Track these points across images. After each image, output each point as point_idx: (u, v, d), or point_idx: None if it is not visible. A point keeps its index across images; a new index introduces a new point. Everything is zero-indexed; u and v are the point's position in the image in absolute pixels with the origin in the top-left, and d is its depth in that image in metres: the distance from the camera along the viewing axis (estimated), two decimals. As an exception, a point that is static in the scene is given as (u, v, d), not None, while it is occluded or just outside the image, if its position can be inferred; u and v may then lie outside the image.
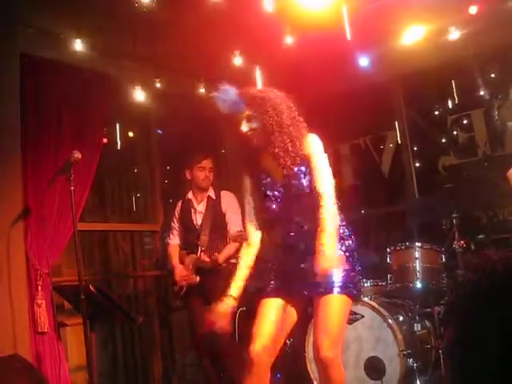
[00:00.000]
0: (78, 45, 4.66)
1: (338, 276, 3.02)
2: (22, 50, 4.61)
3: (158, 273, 6.09)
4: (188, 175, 5.24)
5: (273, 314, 3.13)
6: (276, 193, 3.19)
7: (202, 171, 5.16)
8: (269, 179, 3.22)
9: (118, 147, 6.09)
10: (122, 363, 5.78)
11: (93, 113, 5.12)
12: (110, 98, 5.28)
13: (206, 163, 5.18)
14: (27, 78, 4.64)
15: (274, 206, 3.21)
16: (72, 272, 5.08)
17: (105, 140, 5.47)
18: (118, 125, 6.03)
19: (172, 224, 5.37)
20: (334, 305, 3.03)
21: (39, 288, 4.50)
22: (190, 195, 5.26)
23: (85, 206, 5.01)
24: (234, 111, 3.11)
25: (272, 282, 3.22)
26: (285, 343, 4.21)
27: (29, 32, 4.66)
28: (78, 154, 3.97)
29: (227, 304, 3.15)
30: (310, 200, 3.09)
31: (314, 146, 3.15)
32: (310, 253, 3.03)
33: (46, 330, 4.47)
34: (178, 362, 6.06)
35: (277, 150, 3.09)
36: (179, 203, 5.34)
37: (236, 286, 3.22)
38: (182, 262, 5.17)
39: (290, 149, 3.09)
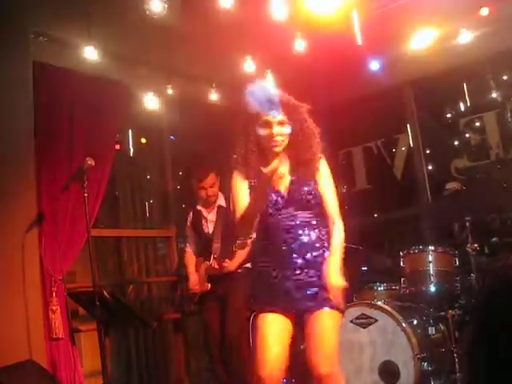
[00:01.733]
0: (90, 52, 4.69)
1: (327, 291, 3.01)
2: (34, 58, 4.65)
3: (171, 278, 6.11)
4: (194, 188, 5.26)
5: (275, 332, 3.05)
6: (276, 201, 3.14)
7: (203, 190, 5.12)
8: (272, 187, 3.15)
9: (131, 154, 6.12)
10: (136, 368, 5.80)
11: (105, 120, 5.15)
12: (122, 104, 5.31)
13: (206, 182, 5.11)
14: (40, 86, 4.68)
15: (272, 215, 3.14)
16: (86, 278, 5.10)
17: (117, 146, 5.50)
18: (130, 131, 6.06)
19: (186, 233, 5.40)
20: (329, 319, 3.01)
21: (54, 294, 4.53)
22: (199, 207, 5.27)
23: (98, 212, 5.03)
24: (263, 110, 3.03)
25: (266, 294, 3.14)
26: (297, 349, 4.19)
27: (41, 41, 4.70)
28: (91, 161, 3.99)
29: None
30: (308, 215, 3.13)
31: (325, 168, 3.21)
32: (303, 266, 3.07)
33: (60, 335, 4.50)
34: (192, 367, 6.07)
35: (301, 157, 3.14)
36: (190, 213, 5.36)
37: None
38: (198, 268, 5.21)
39: (311, 157, 3.15)
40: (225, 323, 5.01)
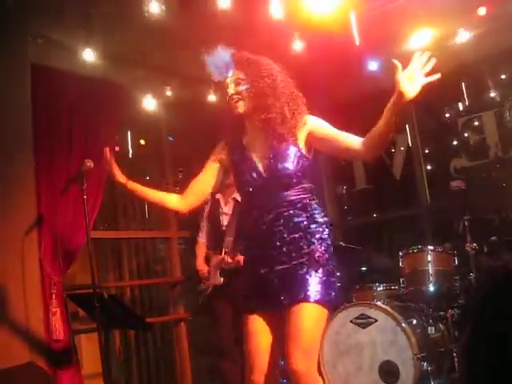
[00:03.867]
0: (88, 54, 4.69)
1: (317, 281, 2.73)
2: (32, 60, 4.65)
3: (172, 279, 6.10)
4: None
5: (262, 335, 2.83)
6: (255, 175, 2.86)
7: None
8: (250, 157, 2.91)
9: (130, 155, 6.12)
10: (136, 370, 5.80)
11: (104, 121, 5.15)
12: (121, 106, 5.31)
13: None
14: (38, 88, 4.68)
15: (250, 191, 2.88)
16: (86, 280, 5.10)
17: (116, 148, 5.50)
18: (129, 133, 6.06)
19: (201, 223, 5.33)
20: (310, 313, 2.70)
21: (53, 296, 4.53)
22: (218, 195, 5.22)
23: (98, 214, 5.03)
24: (222, 74, 2.89)
25: (248, 290, 2.91)
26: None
27: (39, 42, 4.70)
28: (90, 163, 3.98)
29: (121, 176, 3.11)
30: (292, 188, 2.83)
31: (320, 121, 2.92)
32: (286, 254, 2.78)
33: (60, 337, 4.50)
34: (193, 367, 6.05)
35: (273, 116, 2.81)
36: (208, 204, 5.31)
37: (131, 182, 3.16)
38: (208, 261, 5.14)
39: (288, 117, 2.83)
40: (238, 321, 4.89)
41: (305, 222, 2.82)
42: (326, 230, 2.88)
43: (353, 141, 2.81)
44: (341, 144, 2.84)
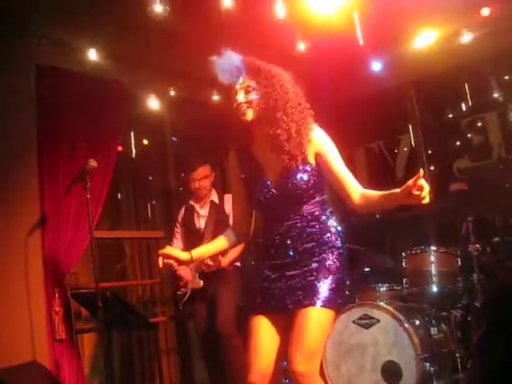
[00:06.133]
0: (93, 54, 4.71)
1: (325, 288, 2.72)
2: (37, 60, 4.66)
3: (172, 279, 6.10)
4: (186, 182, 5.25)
5: (265, 336, 2.79)
6: (266, 192, 2.83)
7: (193, 182, 5.10)
8: (260, 173, 2.87)
9: (133, 155, 6.13)
10: (139, 369, 5.80)
11: (108, 121, 5.16)
12: (124, 106, 5.32)
13: (197, 174, 5.09)
14: (43, 88, 4.69)
15: (262, 205, 2.88)
16: (89, 279, 5.11)
17: (120, 148, 5.51)
18: (132, 133, 6.07)
19: (175, 229, 5.31)
20: (315, 317, 2.68)
21: (56, 295, 4.55)
22: (191, 201, 5.23)
23: (101, 213, 5.04)
24: (231, 78, 2.79)
25: (258, 294, 2.88)
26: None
27: (44, 43, 4.72)
28: (93, 163, 4.00)
29: (184, 254, 2.92)
30: (304, 204, 2.82)
31: (327, 143, 2.83)
32: (297, 262, 2.79)
33: (63, 336, 4.51)
34: (196, 367, 6.06)
35: (279, 132, 2.73)
36: (182, 209, 5.29)
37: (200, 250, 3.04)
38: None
39: (293, 134, 2.73)
40: (216, 321, 4.89)
41: (318, 233, 2.82)
42: (339, 238, 2.87)
43: (354, 189, 2.81)
44: (341, 185, 2.83)
